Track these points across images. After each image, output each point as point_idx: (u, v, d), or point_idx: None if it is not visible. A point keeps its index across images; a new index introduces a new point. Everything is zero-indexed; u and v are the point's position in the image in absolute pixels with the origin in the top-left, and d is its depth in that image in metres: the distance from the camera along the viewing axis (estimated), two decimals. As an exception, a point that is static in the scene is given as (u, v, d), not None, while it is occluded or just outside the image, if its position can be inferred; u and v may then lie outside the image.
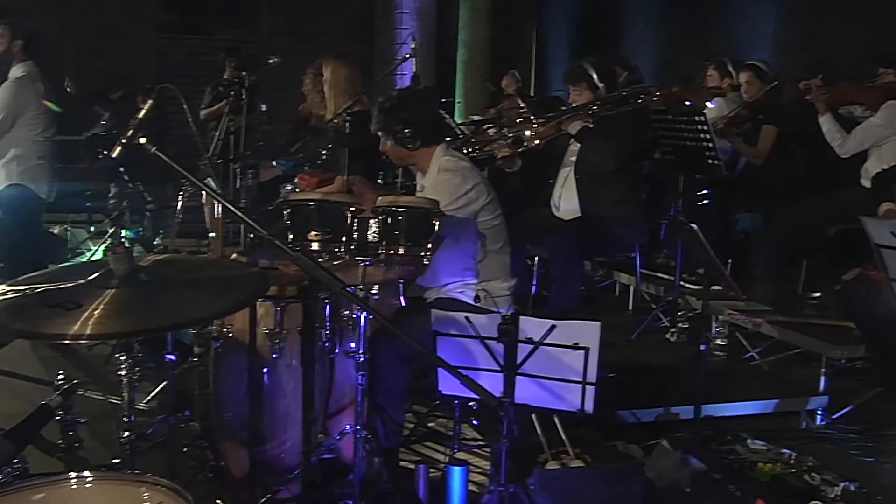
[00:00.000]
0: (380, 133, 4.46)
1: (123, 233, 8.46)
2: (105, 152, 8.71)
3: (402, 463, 4.34)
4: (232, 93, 5.32)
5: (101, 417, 3.81)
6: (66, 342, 2.33)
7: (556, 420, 4.29)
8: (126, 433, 2.88)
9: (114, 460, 3.42)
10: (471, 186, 4.27)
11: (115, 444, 3.03)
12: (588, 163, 5.80)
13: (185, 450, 4.19)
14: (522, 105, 6.58)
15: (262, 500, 3.73)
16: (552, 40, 13.19)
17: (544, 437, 4.34)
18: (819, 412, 5.07)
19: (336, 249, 3.53)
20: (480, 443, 4.65)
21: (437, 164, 4.38)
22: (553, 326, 3.33)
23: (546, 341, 3.33)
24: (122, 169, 8.19)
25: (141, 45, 12.84)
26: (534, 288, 6.34)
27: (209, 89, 9.11)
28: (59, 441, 2.53)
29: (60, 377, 2.57)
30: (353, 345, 3.65)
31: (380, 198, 3.61)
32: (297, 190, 5.71)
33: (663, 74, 9.59)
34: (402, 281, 3.83)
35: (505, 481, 3.35)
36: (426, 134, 4.39)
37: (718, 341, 5.96)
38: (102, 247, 9.10)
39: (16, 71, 6.41)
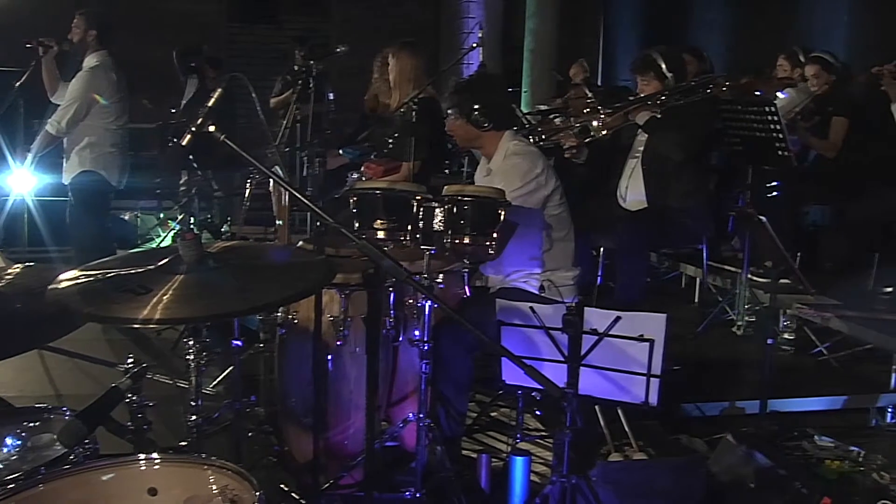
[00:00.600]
0: (451, 111, 4.45)
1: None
2: (175, 140, 8.83)
3: (464, 452, 4.34)
4: (300, 82, 5.35)
5: (168, 401, 3.87)
6: (136, 326, 2.37)
7: (620, 412, 4.27)
8: (193, 417, 2.93)
9: (181, 443, 3.47)
10: (540, 171, 4.26)
11: (182, 427, 3.08)
12: (655, 153, 5.74)
13: (249, 434, 4.25)
14: (589, 95, 6.52)
15: (325, 485, 3.77)
16: (620, 29, 13.08)
17: (607, 429, 4.32)
18: (889, 409, 4.96)
19: (401, 238, 3.54)
20: (543, 433, 4.64)
21: (504, 149, 4.37)
22: (618, 318, 3.31)
23: (611, 333, 3.32)
24: (191, 157, 8.28)
25: (211, 33, 12.96)
26: (599, 279, 6.30)
27: (279, 78, 9.18)
28: (129, 423, 2.57)
29: (130, 361, 2.61)
30: (417, 333, 3.67)
31: (446, 186, 3.61)
32: (364, 178, 5.74)
33: (733, 64, 9.44)
34: (466, 270, 3.83)
35: (567, 472, 3.35)
36: (498, 117, 4.39)
37: (786, 335, 5.88)
38: (171, 233, 9.26)
39: (90, 60, 6.53)
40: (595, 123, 5.66)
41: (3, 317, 2.71)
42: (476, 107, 4.33)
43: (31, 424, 2.74)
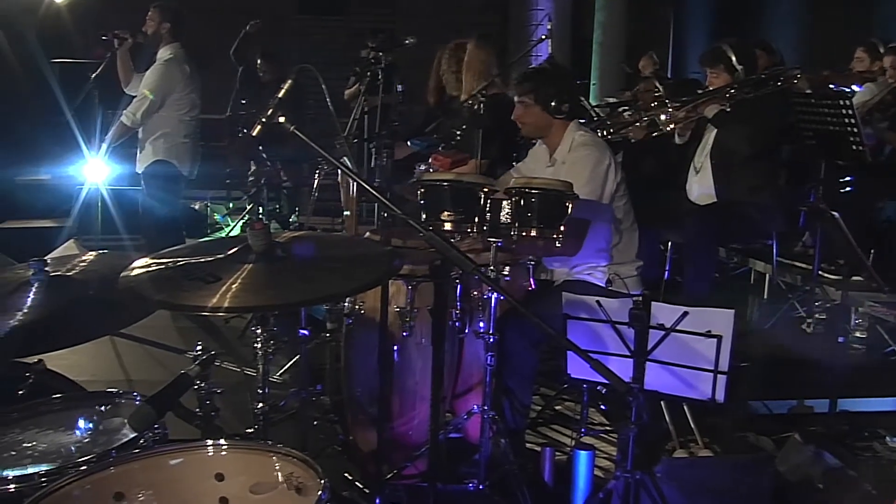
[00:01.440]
0: (525, 98, 4.42)
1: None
2: (245, 131, 8.95)
3: (527, 445, 4.34)
4: (368, 73, 5.37)
5: (236, 388, 3.93)
6: (206, 314, 2.40)
7: (686, 408, 4.24)
8: (260, 404, 2.96)
9: (247, 430, 3.51)
10: (609, 162, 4.24)
11: (248, 414, 3.11)
12: (725, 147, 5.67)
13: (315, 423, 4.29)
14: (659, 87, 6.47)
15: (389, 475, 3.79)
16: (690, 21, 12.93)
17: (673, 425, 4.29)
18: (965, 411, 4.87)
19: (468, 230, 3.54)
20: (607, 428, 4.62)
21: (570, 139, 4.35)
22: (686, 313, 3.28)
23: (678, 328, 3.29)
24: (260, 147, 8.38)
25: (282, 25, 13.07)
26: (666, 274, 6.25)
27: (353, 71, 9.22)
28: (197, 409, 2.61)
29: (199, 348, 2.65)
30: (482, 325, 3.67)
31: (514, 178, 3.60)
32: (431, 170, 5.74)
33: (807, 57, 9.28)
34: (532, 262, 3.82)
35: (631, 468, 3.33)
36: (572, 107, 4.37)
37: (857, 334, 5.77)
38: (240, 223, 9.37)
39: (164, 53, 6.64)
40: (663, 117, 5.61)
41: (77, 303, 2.77)
42: (553, 94, 4.32)
43: (103, 408, 2.79)
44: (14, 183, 9.40)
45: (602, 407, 4.77)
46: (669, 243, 6.25)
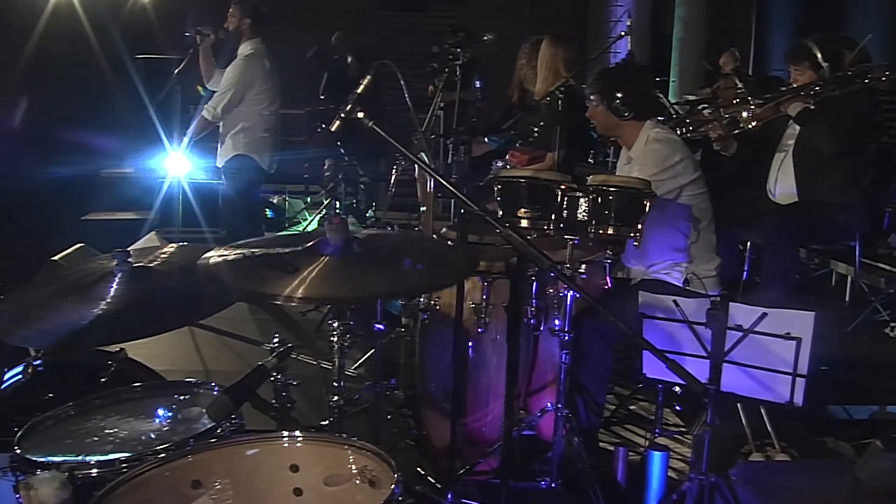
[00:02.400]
0: (592, 97, 4.42)
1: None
2: (324, 126, 9.02)
3: (601, 444, 4.32)
4: (446, 69, 5.38)
5: (311, 381, 3.96)
6: (281, 302, 2.42)
7: (763, 411, 4.17)
8: (335, 397, 2.98)
9: (322, 422, 3.55)
10: (679, 159, 4.18)
11: (323, 407, 3.14)
12: (808, 146, 5.57)
13: (388, 417, 4.31)
14: (740, 85, 6.39)
15: (461, 471, 3.79)
16: (773, 17, 12.69)
17: (749, 428, 4.23)
18: None
19: (545, 227, 3.53)
20: (682, 429, 4.58)
21: (645, 136, 4.32)
22: (764, 314, 3.23)
23: (756, 329, 3.24)
24: (339, 143, 8.44)
25: (362, 20, 13.15)
26: (745, 274, 6.15)
27: (431, 66, 9.23)
28: (273, 401, 2.64)
29: (276, 340, 2.68)
30: (558, 323, 3.66)
31: (591, 176, 3.58)
32: (508, 166, 5.74)
33: (895, 54, 9.06)
34: (608, 261, 3.80)
35: (706, 470, 3.29)
36: (640, 107, 4.33)
37: (943, 339, 5.64)
38: (317, 217, 9.46)
39: (244, 48, 6.73)
40: (745, 114, 5.52)
41: (158, 294, 2.82)
42: (618, 95, 4.29)
43: (182, 398, 2.84)
44: (98, 176, 9.61)
45: (677, 408, 4.72)
46: (749, 243, 6.16)
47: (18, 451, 2.42)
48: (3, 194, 5.07)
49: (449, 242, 3.94)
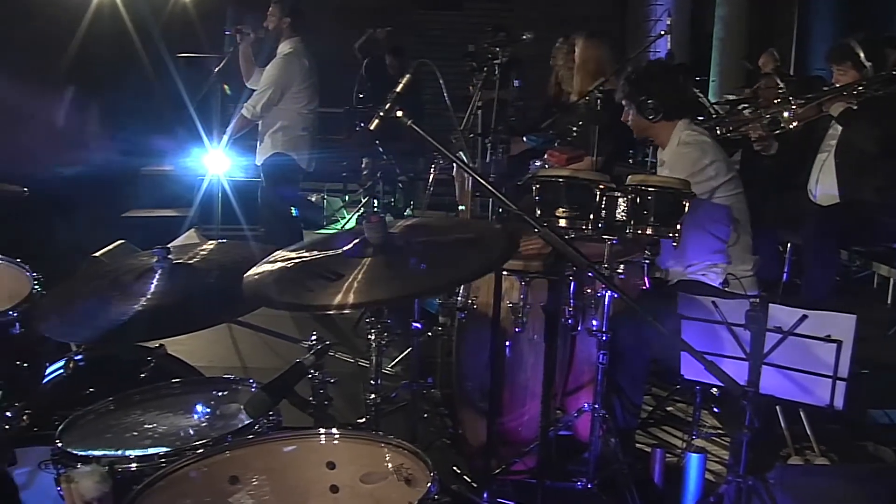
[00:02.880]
0: (623, 102, 4.41)
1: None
2: (363, 124, 9.05)
3: (637, 445, 4.30)
4: (485, 68, 5.37)
5: (349, 379, 3.98)
6: (332, 312, 2.43)
7: (802, 414, 4.13)
8: (372, 395, 2.99)
9: (359, 420, 3.56)
10: (709, 161, 4.15)
11: (361, 404, 3.15)
12: (850, 146, 5.51)
13: (425, 415, 4.32)
14: (781, 85, 6.32)
15: (497, 470, 3.79)
16: (816, 16, 12.55)
17: (788, 431, 4.19)
18: None
19: (583, 227, 3.52)
20: (720, 431, 4.54)
21: (677, 138, 4.30)
22: (804, 316, 3.20)
23: (796, 331, 3.21)
24: (377, 141, 8.47)
25: (401, 19, 13.18)
26: (785, 275, 6.10)
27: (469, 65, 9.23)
28: (311, 398, 2.65)
29: (314, 338, 2.68)
30: (595, 323, 3.64)
31: (630, 175, 3.57)
32: (547, 166, 5.72)
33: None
34: (647, 261, 3.78)
35: (744, 473, 3.26)
36: (669, 107, 4.31)
37: None
38: (355, 215, 9.49)
39: (284, 47, 6.76)
40: (786, 115, 5.48)
41: (197, 290, 2.84)
42: (643, 98, 4.27)
43: (220, 394, 2.86)
44: (139, 173, 9.71)
45: (715, 409, 4.69)
46: (789, 244, 6.11)
47: (60, 445, 2.45)
48: (46, 191, 5.15)
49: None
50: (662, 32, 7.48)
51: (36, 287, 3.36)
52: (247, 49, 6.95)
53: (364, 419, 3.18)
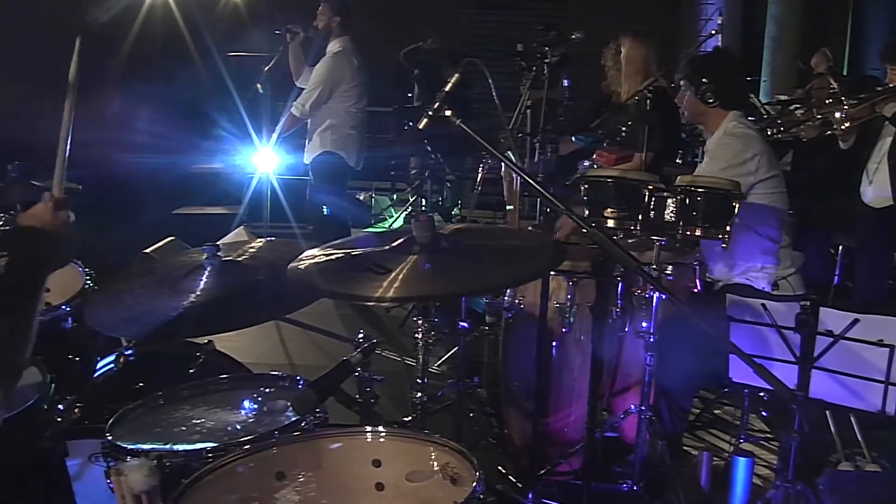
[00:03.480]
0: (681, 82, 4.39)
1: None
2: (411, 123, 9.07)
3: (684, 448, 4.27)
4: (534, 68, 5.36)
5: (395, 377, 3.99)
6: (373, 303, 2.44)
7: (853, 419, 4.07)
8: (418, 394, 3.00)
9: (405, 418, 3.57)
10: (751, 156, 4.11)
11: (407, 403, 3.16)
12: (905, 149, 5.43)
13: (471, 415, 4.32)
14: (833, 85, 6.24)
15: (542, 471, 3.78)
16: (869, 15, 12.38)
17: (838, 436, 4.14)
18: None
19: (631, 227, 3.50)
20: (768, 435, 4.50)
21: (724, 128, 4.26)
22: (856, 320, 3.16)
23: (847, 335, 3.17)
24: (425, 140, 8.48)
25: (450, 18, 13.17)
26: (836, 278, 6.03)
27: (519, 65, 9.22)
28: (357, 396, 2.66)
29: (361, 336, 2.69)
30: (643, 324, 3.62)
31: (679, 176, 3.54)
32: (595, 166, 5.70)
33: None
34: (698, 263, 3.75)
35: (793, 478, 3.23)
36: (726, 95, 4.28)
37: None
38: (403, 214, 9.51)
39: (333, 46, 6.80)
40: (838, 115, 5.40)
41: (246, 288, 2.86)
42: (704, 81, 4.24)
43: (267, 390, 2.88)
44: (189, 171, 9.80)
45: (763, 413, 4.65)
46: (840, 247, 6.03)
47: (110, 438, 2.48)
48: (98, 188, 5.22)
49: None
50: (713, 32, 7.41)
51: (88, 283, 3.42)
52: (296, 48, 7.00)
53: (410, 418, 3.20)
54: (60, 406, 2.87)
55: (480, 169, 5.92)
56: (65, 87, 2.20)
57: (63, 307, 3.28)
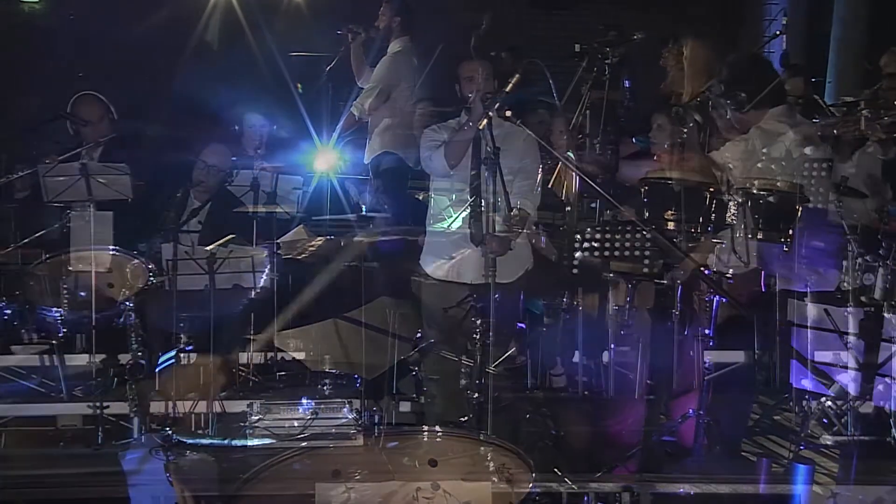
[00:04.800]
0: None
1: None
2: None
3: (743, 454, 4.22)
4: (595, 68, 5.32)
5: (452, 377, 3.98)
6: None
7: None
8: (475, 394, 3.00)
9: (461, 419, 3.57)
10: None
11: (463, 403, 3.15)
12: (976, 155, 5.31)
13: (527, 416, 4.30)
14: (904, 85, 6.12)
15: (598, 474, 3.76)
16: (941, 16, 12.15)
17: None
18: None
19: (692, 230, 3.46)
20: (828, 442, 4.43)
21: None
22: (922, 327, 3.10)
23: (912, 342, 3.11)
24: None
25: (510, 18, 13.13)
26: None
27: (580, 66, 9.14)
28: (414, 395, 2.67)
29: (418, 335, 2.70)
30: (702, 328, 3.58)
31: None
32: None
33: None
34: (759, 268, 3.70)
35: (853, 485, 3.18)
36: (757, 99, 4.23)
37: None
38: (462, 214, 9.48)
39: (394, 46, 6.81)
40: (906, 117, 5.30)
41: (305, 286, 2.89)
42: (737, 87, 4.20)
43: (325, 388, 2.90)
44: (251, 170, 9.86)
45: (823, 420, 4.57)
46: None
47: (170, 433, 2.52)
48: (160, 186, 5.29)
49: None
50: (777, 33, 7.32)
51: (151, 279, 3.46)
52: (358, 48, 7.02)
53: (466, 418, 3.19)
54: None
55: (539, 169, 5.88)
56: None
57: (127, 303, 3.33)
